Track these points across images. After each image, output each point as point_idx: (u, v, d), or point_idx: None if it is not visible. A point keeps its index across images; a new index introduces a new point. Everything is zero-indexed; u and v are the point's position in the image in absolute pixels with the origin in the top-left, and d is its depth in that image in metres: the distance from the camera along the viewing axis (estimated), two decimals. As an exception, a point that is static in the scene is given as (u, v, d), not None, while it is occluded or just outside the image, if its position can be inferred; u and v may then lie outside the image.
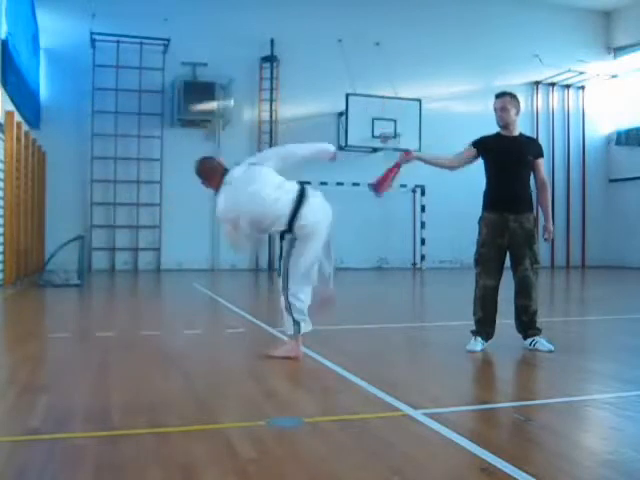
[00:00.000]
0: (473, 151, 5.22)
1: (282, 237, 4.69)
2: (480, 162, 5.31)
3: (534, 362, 4.83)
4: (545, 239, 5.26)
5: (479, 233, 5.16)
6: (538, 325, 5.11)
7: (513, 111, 5.12)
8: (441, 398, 3.67)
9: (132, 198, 15.80)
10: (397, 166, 5.21)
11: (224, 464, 2.59)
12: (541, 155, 5.25)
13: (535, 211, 5.22)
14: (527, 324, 5.10)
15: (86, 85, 15.36)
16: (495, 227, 5.07)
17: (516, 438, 3.07)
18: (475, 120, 16.31)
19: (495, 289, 5.08)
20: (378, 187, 5.17)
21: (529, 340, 5.08)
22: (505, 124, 5.15)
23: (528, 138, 5.46)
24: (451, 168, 5.36)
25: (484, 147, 5.18)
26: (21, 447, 2.80)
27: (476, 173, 5.59)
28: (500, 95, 5.21)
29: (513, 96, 5.21)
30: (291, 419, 3.19)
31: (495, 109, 5.17)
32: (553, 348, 4.97)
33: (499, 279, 5.09)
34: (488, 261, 5.08)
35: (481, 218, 5.18)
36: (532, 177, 5.24)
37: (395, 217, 17.43)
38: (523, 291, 5.08)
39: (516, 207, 5.07)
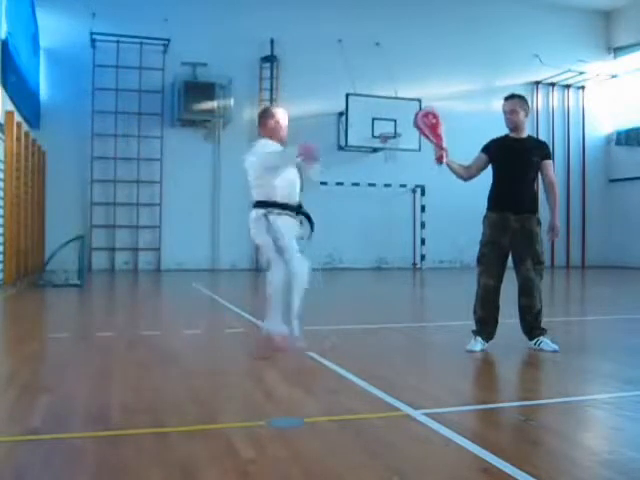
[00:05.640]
0: (484, 158, 5.21)
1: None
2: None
3: (534, 362, 4.83)
4: (550, 238, 5.26)
5: (482, 233, 5.18)
6: (542, 325, 5.12)
7: (522, 113, 5.14)
8: (441, 398, 3.67)
9: (132, 198, 15.80)
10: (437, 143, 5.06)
11: (224, 464, 2.59)
12: (549, 157, 5.27)
13: (541, 212, 5.22)
14: (531, 324, 5.11)
15: (86, 85, 15.35)
16: (497, 227, 5.08)
17: (516, 438, 3.07)
18: (475, 120, 16.38)
19: (496, 289, 5.08)
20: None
21: (534, 340, 5.09)
22: (514, 126, 5.16)
23: (537, 141, 5.50)
24: (467, 179, 5.28)
25: (493, 150, 5.19)
26: (21, 447, 2.80)
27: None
28: (509, 97, 5.23)
29: (522, 98, 5.23)
30: (291, 419, 3.19)
31: (504, 111, 5.18)
32: (558, 348, 4.98)
33: (501, 279, 5.10)
34: (490, 261, 5.08)
35: (485, 217, 5.20)
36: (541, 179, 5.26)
37: (395, 217, 17.43)
38: (525, 291, 5.08)
39: (518, 207, 5.08)
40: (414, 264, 17.59)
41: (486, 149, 5.25)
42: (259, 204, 4.87)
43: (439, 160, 5.07)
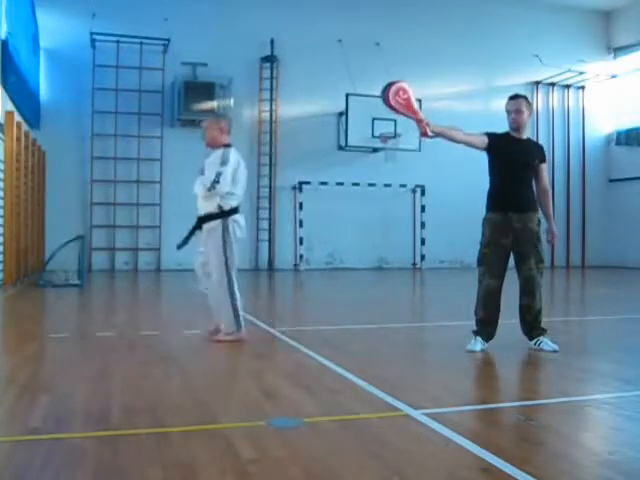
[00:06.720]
0: (485, 140, 5.09)
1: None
2: (480, 162, 5.31)
3: (534, 362, 4.83)
4: (548, 241, 5.27)
5: (482, 233, 5.16)
6: (542, 325, 5.12)
7: (526, 114, 5.12)
8: (441, 398, 3.67)
9: (132, 198, 15.79)
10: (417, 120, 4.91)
11: (224, 464, 2.59)
12: (544, 161, 5.27)
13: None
14: (531, 324, 5.11)
15: (86, 85, 15.34)
16: (499, 227, 5.07)
17: (516, 438, 3.07)
18: (476, 120, 16.33)
19: (498, 289, 5.08)
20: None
21: (534, 340, 5.09)
22: (518, 126, 5.14)
23: (535, 143, 5.50)
24: (460, 142, 5.10)
25: (495, 144, 5.11)
26: (21, 447, 2.80)
27: (476, 173, 5.61)
28: (514, 97, 5.20)
29: (527, 99, 5.23)
30: (291, 419, 3.19)
31: (508, 111, 5.15)
32: (557, 348, 4.99)
33: (502, 279, 5.09)
34: (491, 261, 5.08)
35: (485, 219, 5.18)
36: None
37: (395, 217, 17.42)
38: (527, 290, 5.08)
39: (520, 207, 5.07)
40: (414, 264, 17.59)
41: (490, 137, 5.11)
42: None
43: (424, 135, 4.94)
